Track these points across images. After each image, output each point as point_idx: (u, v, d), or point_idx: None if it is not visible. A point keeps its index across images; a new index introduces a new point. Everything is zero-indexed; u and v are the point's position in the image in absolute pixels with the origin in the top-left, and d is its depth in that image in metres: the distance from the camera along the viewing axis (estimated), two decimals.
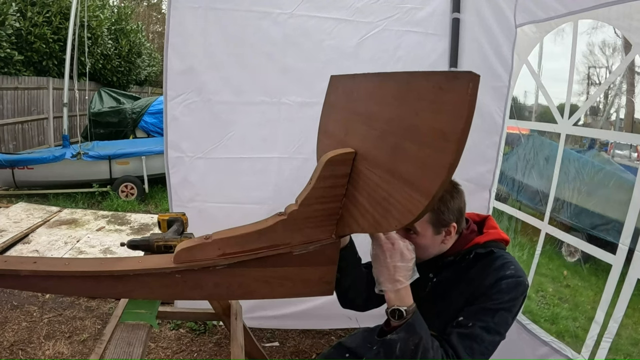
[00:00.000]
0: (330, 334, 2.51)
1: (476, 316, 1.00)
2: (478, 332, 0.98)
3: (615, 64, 10.93)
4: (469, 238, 1.12)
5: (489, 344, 0.99)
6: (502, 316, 1.00)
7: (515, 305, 1.02)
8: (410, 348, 0.92)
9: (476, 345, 0.98)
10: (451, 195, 1.08)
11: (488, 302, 1.00)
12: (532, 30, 2.03)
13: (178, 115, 2.01)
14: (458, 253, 1.11)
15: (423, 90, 0.75)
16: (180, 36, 1.93)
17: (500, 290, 1.00)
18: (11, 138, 6.75)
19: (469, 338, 0.98)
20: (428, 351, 0.92)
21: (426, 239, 1.07)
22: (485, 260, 1.08)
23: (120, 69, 10.20)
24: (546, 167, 5.14)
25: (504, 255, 1.10)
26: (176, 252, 0.97)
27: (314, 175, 0.92)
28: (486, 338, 0.98)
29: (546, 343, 1.83)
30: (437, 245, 1.10)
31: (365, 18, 2.01)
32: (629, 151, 7.74)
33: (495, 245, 1.11)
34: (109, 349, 0.95)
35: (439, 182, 0.67)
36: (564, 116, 1.91)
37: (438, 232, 1.07)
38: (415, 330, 0.93)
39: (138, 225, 4.35)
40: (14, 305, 2.66)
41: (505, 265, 1.05)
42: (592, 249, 1.75)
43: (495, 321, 0.99)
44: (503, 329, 1.00)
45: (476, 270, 1.07)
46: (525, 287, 1.04)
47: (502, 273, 1.03)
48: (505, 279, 1.02)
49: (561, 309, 3.58)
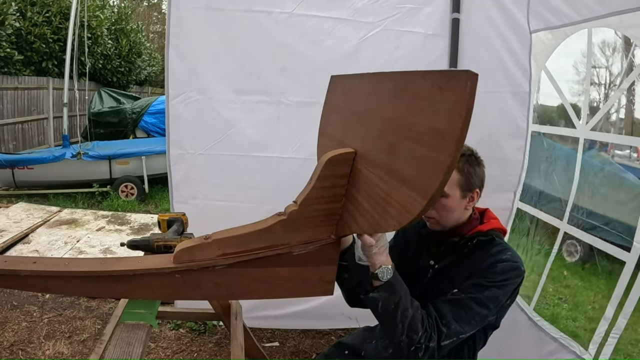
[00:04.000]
0: (330, 334, 2.51)
1: (468, 289, 1.04)
2: (466, 301, 1.02)
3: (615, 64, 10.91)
4: (473, 224, 1.16)
5: (475, 315, 1.02)
6: (493, 292, 1.03)
7: (507, 285, 1.05)
8: (391, 307, 0.96)
9: (463, 313, 1.01)
10: (477, 162, 1.13)
11: (481, 279, 1.04)
12: (547, 37, 2.05)
13: (179, 114, 2.02)
14: (462, 237, 1.14)
15: (421, 90, 0.74)
16: (180, 36, 1.94)
17: (495, 271, 1.04)
18: (11, 138, 6.75)
19: (456, 305, 1.02)
20: (407, 309, 0.96)
21: (453, 200, 1.10)
22: (485, 247, 1.11)
23: (120, 69, 10.19)
24: (547, 167, 5.14)
25: (502, 243, 1.14)
26: (176, 252, 0.97)
27: (314, 175, 0.92)
28: (474, 308, 1.01)
29: (555, 339, 1.84)
30: (460, 211, 1.13)
31: (365, 18, 2.01)
32: (629, 151, 7.74)
33: (496, 234, 1.14)
34: (108, 349, 0.95)
35: (437, 181, 0.67)
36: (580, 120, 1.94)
37: (464, 196, 1.11)
38: (394, 289, 0.97)
39: (138, 225, 4.35)
40: (14, 305, 2.66)
41: (503, 251, 1.09)
42: (607, 246, 1.76)
43: (486, 295, 1.02)
44: (492, 305, 1.03)
45: (475, 255, 1.10)
46: (521, 273, 1.07)
47: (499, 257, 1.07)
48: (501, 262, 1.06)
49: (561, 309, 3.58)
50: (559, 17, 1.86)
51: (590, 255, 4.47)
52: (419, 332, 0.95)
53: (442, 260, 1.16)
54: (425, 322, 0.98)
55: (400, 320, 0.96)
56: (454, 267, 1.12)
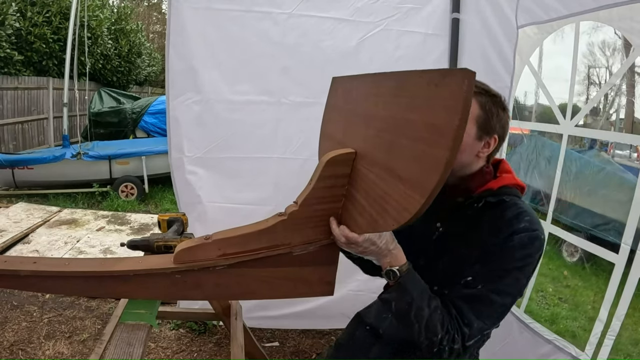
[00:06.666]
0: (330, 334, 2.51)
1: (485, 277, 0.93)
2: (487, 294, 0.92)
3: (615, 64, 10.91)
4: (484, 180, 1.01)
5: (498, 307, 0.93)
6: (513, 276, 0.92)
7: (529, 263, 0.93)
8: (404, 307, 0.92)
9: (484, 308, 0.92)
10: (503, 107, 0.99)
11: (499, 262, 0.92)
12: (533, 31, 2.03)
13: (180, 115, 2.02)
14: (468, 197, 1.01)
15: (418, 88, 0.75)
16: (180, 36, 1.94)
17: (513, 247, 0.91)
18: (11, 138, 6.75)
19: (476, 300, 0.92)
20: (422, 309, 0.91)
21: (467, 137, 0.95)
22: (496, 210, 0.97)
23: (120, 69, 10.19)
24: (548, 167, 5.13)
25: (517, 204, 0.98)
26: (176, 252, 0.97)
27: (314, 176, 0.92)
28: (496, 300, 0.92)
29: (549, 341, 1.82)
30: (471, 155, 0.99)
31: (365, 18, 2.01)
32: (629, 151, 7.75)
33: (508, 192, 1.00)
34: (109, 349, 0.95)
35: (435, 179, 0.67)
36: (565, 117, 1.90)
37: (480, 138, 0.97)
38: (406, 289, 0.92)
39: (138, 225, 4.35)
40: (14, 305, 2.66)
41: (519, 217, 0.94)
42: (596, 248, 1.74)
43: (507, 282, 0.92)
44: (515, 290, 0.94)
45: (486, 222, 0.97)
46: (541, 242, 0.94)
47: (515, 227, 0.93)
48: (518, 233, 0.92)
49: (561, 309, 3.58)
50: (547, 11, 1.82)
51: (590, 256, 4.48)
52: (438, 334, 0.90)
53: (447, 223, 1.04)
54: (446, 323, 0.91)
55: (416, 321, 0.91)
56: (461, 237, 1.00)
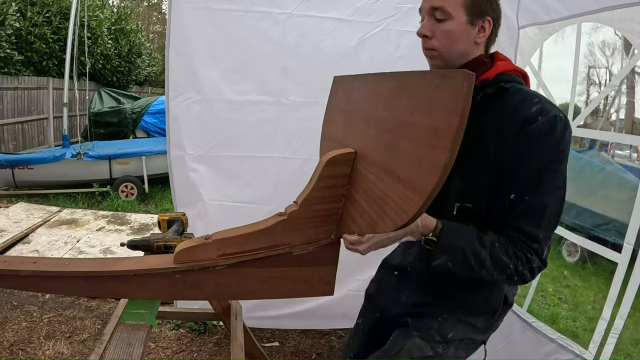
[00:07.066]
0: (330, 334, 2.51)
1: (526, 187, 0.85)
2: (537, 202, 0.85)
3: (615, 64, 10.91)
4: (480, 70, 0.93)
5: (554, 206, 0.86)
6: (553, 170, 0.84)
7: (560, 150, 0.84)
8: (462, 261, 0.88)
9: (541, 216, 0.85)
10: None
11: (529, 164, 0.84)
12: (534, 32, 2.03)
13: (179, 115, 2.02)
14: None
15: (418, 89, 0.75)
16: (180, 36, 1.94)
17: (534, 140, 0.83)
18: (11, 138, 6.74)
19: (530, 212, 0.86)
20: (479, 254, 0.86)
21: (458, 25, 0.90)
22: (498, 101, 0.89)
23: (120, 69, 10.18)
24: None
25: (521, 89, 0.89)
26: (176, 252, 0.97)
27: (314, 176, 0.92)
28: (549, 202, 0.85)
29: (552, 340, 1.82)
30: (467, 43, 0.92)
31: (365, 18, 2.01)
32: (629, 151, 7.75)
33: (506, 79, 0.91)
34: (109, 349, 0.95)
35: (433, 181, 0.67)
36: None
37: (472, 22, 0.90)
38: (452, 247, 0.88)
39: (138, 225, 4.35)
40: (14, 305, 2.66)
41: (527, 102, 0.85)
42: (599, 248, 1.75)
43: (549, 180, 0.84)
44: (561, 182, 0.86)
45: (491, 116, 0.89)
46: (564, 121, 0.84)
47: (525, 114, 0.84)
48: (532, 122, 0.83)
49: (561, 309, 3.58)
50: (549, 12, 1.83)
51: (591, 255, 4.48)
52: (508, 265, 0.85)
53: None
54: (511, 249, 0.86)
55: (480, 267, 0.87)
56: (466, 141, 0.94)
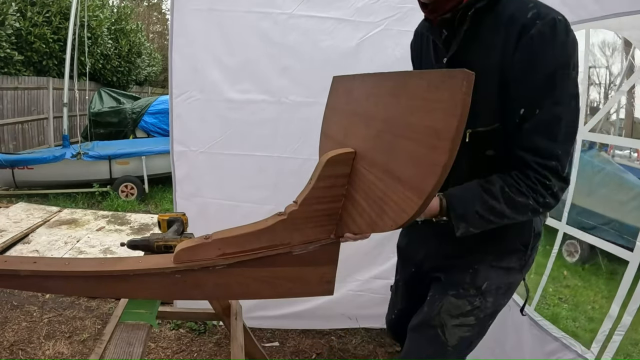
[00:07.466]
0: (330, 334, 2.51)
1: (535, 98, 0.80)
2: (549, 113, 0.80)
3: (615, 64, 10.91)
4: None
5: (568, 115, 0.81)
6: (562, 76, 0.79)
7: (568, 53, 0.79)
8: (480, 222, 0.85)
9: (556, 128, 0.80)
10: None
11: (533, 74, 0.79)
12: None
13: (182, 112, 2.05)
14: (456, 9, 0.88)
15: (418, 89, 0.75)
16: (183, 37, 1.96)
17: (536, 47, 0.78)
18: (11, 138, 6.75)
19: (543, 126, 0.80)
20: (493, 208, 0.83)
21: None
22: (490, 14, 0.84)
23: (120, 69, 10.19)
24: None
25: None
26: (176, 252, 0.97)
27: (314, 175, 0.92)
28: (562, 112, 0.80)
29: (556, 339, 1.84)
30: None
31: (365, 18, 2.01)
32: (629, 151, 7.74)
33: None
34: (109, 349, 0.95)
35: (433, 181, 0.67)
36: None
37: None
38: (465, 215, 0.85)
39: (138, 225, 4.35)
40: (14, 305, 2.66)
41: (522, 10, 0.80)
42: (611, 247, 1.76)
43: (560, 88, 0.79)
44: (572, 87, 0.81)
45: (486, 29, 0.85)
46: (564, 24, 0.79)
47: (522, 21, 0.79)
48: (530, 28, 0.78)
49: (561, 309, 3.58)
50: None
51: (591, 255, 4.48)
52: (528, 203, 0.82)
53: (450, 48, 0.93)
54: (524, 187, 0.82)
55: (500, 218, 0.84)
56: (468, 56, 0.87)
